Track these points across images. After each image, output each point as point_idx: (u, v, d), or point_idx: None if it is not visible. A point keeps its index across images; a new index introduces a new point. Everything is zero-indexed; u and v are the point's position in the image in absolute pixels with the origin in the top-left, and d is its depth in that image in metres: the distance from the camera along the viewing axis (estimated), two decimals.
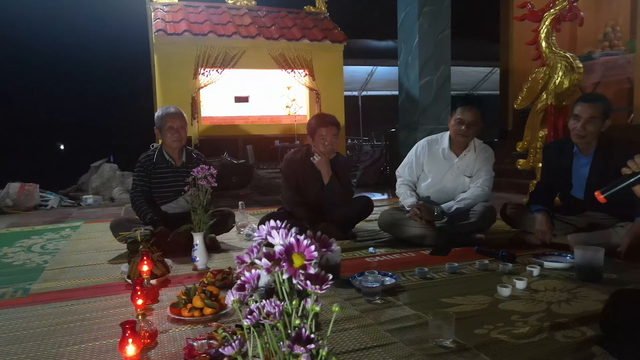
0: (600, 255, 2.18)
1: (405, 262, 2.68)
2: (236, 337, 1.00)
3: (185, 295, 1.92)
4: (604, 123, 2.73)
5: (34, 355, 1.61)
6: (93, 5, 9.66)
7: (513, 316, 1.81)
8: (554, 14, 4.25)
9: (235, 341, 0.70)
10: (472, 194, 3.06)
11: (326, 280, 0.65)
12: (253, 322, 0.66)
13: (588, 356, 1.47)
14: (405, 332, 1.70)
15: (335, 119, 3.28)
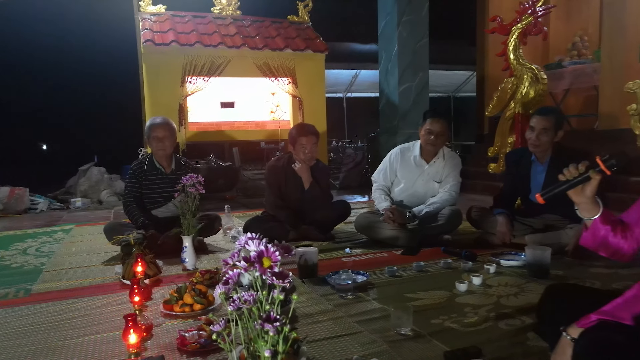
0: (548, 254, 2.46)
1: (378, 262, 2.93)
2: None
3: (177, 293, 2.14)
4: (557, 134, 3.01)
5: (43, 347, 1.82)
6: (83, 13, 9.78)
7: (466, 308, 2.07)
8: (521, 28, 4.54)
9: (221, 321, 0.93)
10: (441, 199, 3.33)
11: (287, 276, 0.88)
12: (235, 308, 0.89)
13: (523, 340, 1.74)
14: (371, 322, 1.95)
15: (314, 129, 3.52)
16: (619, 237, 1.51)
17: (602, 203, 1.53)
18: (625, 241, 1.50)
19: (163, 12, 5.89)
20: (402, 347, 1.71)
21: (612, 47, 5.62)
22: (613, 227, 1.52)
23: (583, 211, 1.56)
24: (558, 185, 1.54)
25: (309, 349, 1.69)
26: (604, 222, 1.52)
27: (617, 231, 1.51)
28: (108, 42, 9.57)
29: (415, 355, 1.64)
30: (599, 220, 1.53)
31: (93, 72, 10.32)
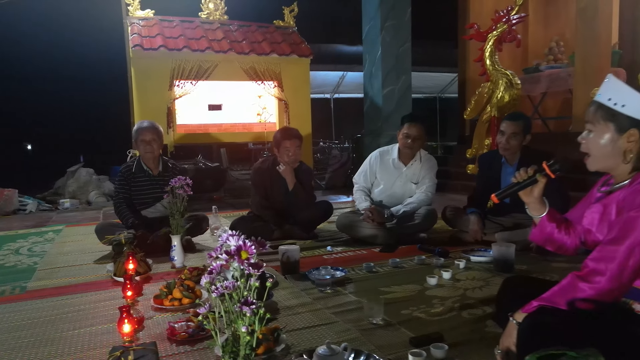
0: (512, 250, 2.65)
1: (357, 259, 3.11)
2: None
3: (167, 288, 2.29)
4: (525, 137, 3.21)
5: (42, 339, 1.96)
6: (71, 15, 9.82)
7: (434, 300, 2.26)
8: (496, 35, 4.75)
9: (206, 304, 1.09)
10: (418, 199, 3.52)
11: (261, 267, 1.05)
12: (218, 294, 1.05)
13: (482, 327, 1.92)
14: (346, 314, 2.12)
15: (298, 132, 3.68)
16: (562, 233, 1.70)
17: (548, 203, 1.72)
18: (569, 237, 1.70)
19: (151, 16, 6.01)
20: (373, 335, 1.88)
21: (585, 52, 5.85)
22: (558, 224, 1.71)
23: (532, 210, 1.74)
24: (510, 187, 1.72)
25: (288, 337, 1.86)
26: (550, 220, 1.71)
27: (561, 228, 1.70)
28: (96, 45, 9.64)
29: (384, 342, 1.81)
30: (545, 218, 1.71)
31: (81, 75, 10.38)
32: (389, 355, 1.69)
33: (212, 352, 1.75)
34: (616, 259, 1.36)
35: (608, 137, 1.45)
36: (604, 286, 1.37)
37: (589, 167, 1.53)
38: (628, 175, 1.46)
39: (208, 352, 1.76)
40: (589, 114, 1.49)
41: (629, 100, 1.40)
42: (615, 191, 1.48)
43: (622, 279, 1.36)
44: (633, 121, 1.40)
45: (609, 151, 1.45)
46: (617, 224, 1.40)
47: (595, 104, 1.47)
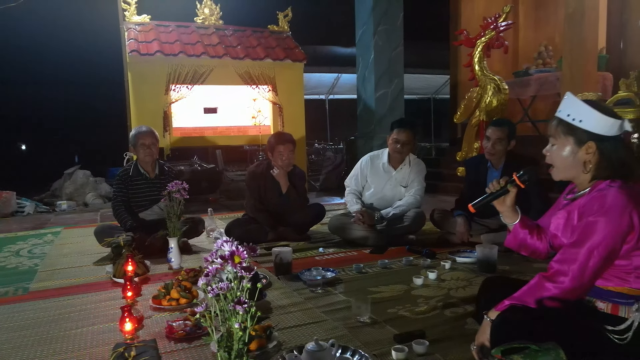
0: (495, 252, 2.78)
1: (348, 260, 3.22)
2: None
3: (165, 289, 2.40)
4: (510, 143, 3.34)
5: (46, 337, 2.07)
6: (69, 20, 9.90)
7: (419, 299, 2.38)
8: (485, 41, 4.88)
9: (203, 303, 1.20)
10: (407, 202, 3.64)
11: (252, 270, 1.16)
12: (214, 295, 1.16)
13: (462, 324, 2.05)
14: (335, 312, 2.24)
15: (291, 137, 3.80)
16: (535, 238, 1.82)
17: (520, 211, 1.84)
18: (541, 242, 1.82)
19: (147, 21, 6.10)
20: (360, 332, 2.00)
21: (573, 57, 5.98)
22: (530, 230, 1.83)
23: (505, 218, 1.87)
24: (485, 197, 1.84)
25: (280, 334, 1.97)
26: (523, 226, 1.83)
27: (533, 234, 1.83)
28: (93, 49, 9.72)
29: (369, 338, 1.93)
30: (518, 225, 1.84)
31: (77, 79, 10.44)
32: (374, 351, 1.81)
33: (208, 349, 1.86)
34: (577, 260, 1.48)
35: (569, 150, 1.58)
36: (567, 286, 1.50)
37: (554, 177, 1.66)
38: (588, 184, 1.59)
39: (205, 349, 1.87)
40: (552, 128, 1.62)
41: (585, 116, 1.53)
42: (577, 199, 1.61)
43: (583, 279, 1.49)
44: (590, 135, 1.53)
45: (570, 162, 1.58)
46: (577, 228, 1.53)
47: (557, 120, 1.60)
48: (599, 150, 1.55)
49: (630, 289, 1.53)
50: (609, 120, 1.53)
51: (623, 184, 1.53)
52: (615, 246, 1.47)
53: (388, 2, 6.98)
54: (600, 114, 1.54)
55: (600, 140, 1.54)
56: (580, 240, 1.50)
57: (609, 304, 1.55)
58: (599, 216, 1.48)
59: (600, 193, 1.54)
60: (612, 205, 1.48)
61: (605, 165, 1.56)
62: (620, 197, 1.48)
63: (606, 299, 1.56)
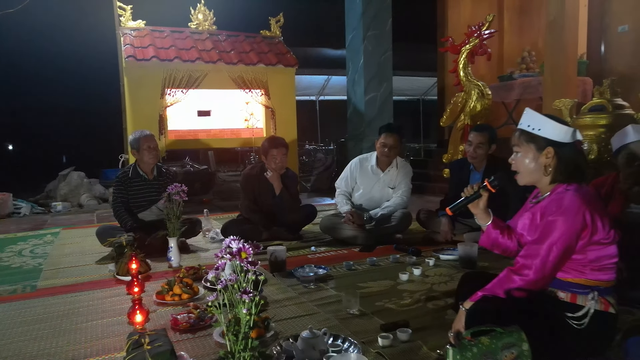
0: (475, 249, 2.98)
1: (339, 258, 3.41)
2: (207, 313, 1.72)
3: (167, 285, 2.57)
4: (491, 147, 3.55)
5: (59, 330, 2.23)
6: (65, 24, 10.00)
7: (404, 293, 2.58)
8: (469, 49, 5.10)
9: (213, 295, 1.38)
10: (394, 203, 3.84)
11: (256, 264, 1.34)
12: (223, 285, 1.34)
13: (443, 315, 2.25)
14: (327, 306, 2.43)
15: (284, 141, 3.98)
16: (506, 238, 2.03)
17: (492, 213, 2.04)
18: (511, 241, 2.02)
19: (143, 27, 6.24)
20: (350, 323, 2.19)
21: (553, 62, 6.22)
22: (502, 231, 2.04)
23: (479, 220, 2.07)
24: (460, 201, 2.04)
25: (277, 325, 2.15)
26: (494, 227, 2.04)
27: (504, 234, 2.03)
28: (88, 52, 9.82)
29: (358, 328, 2.12)
30: (490, 226, 2.04)
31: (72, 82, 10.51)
32: (362, 339, 2.00)
33: (211, 339, 2.04)
34: (539, 255, 1.69)
35: (531, 156, 1.79)
36: (531, 278, 1.70)
37: (519, 182, 1.87)
38: (549, 187, 1.80)
39: (208, 339, 2.05)
40: (515, 139, 1.84)
41: (543, 125, 1.75)
42: (540, 201, 1.82)
43: (545, 271, 1.69)
44: (548, 141, 1.75)
45: (532, 167, 1.80)
46: (539, 227, 1.73)
47: (519, 131, 1.82)
48: (557, 154, 1.77)
49: (587, 280, 1.74)
50: (563, 128, 1.75)
51: (577, 187, 1.75)
52: (572, 242, 1.68)
53: (377, 8, 7.19)
54: (555, 122, 1.77)
55: (557, 145, 1.76)
56: (542, 238, 1.71)
57: (568, 293, 1.76)
58: (557, 216, 1.69)
59: (558, 196, 1.75)
60: (568, 206, 1.69)
61: (562, 168, 1.77)
62: (575, 199, 1.69)
63: (566, 289, 1.77)
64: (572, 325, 1.73)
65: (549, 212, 1.72)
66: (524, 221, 1.90)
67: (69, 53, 10.27)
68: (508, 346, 1.45)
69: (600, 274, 1.75)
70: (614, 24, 7.10)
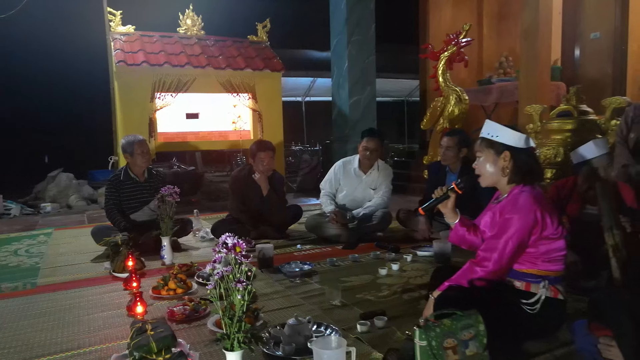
0: (449, 246, 3.22)
1: (323, 255, 3.63)
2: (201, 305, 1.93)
3: (163, 280, 2.76)
4: (461, 150, 3.80)
5: (63, 322, 2.41)
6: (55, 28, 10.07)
7: (382, 286, 2.80)
8: (447, 56, 5.36)
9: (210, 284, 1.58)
10: (375, 203, 4.07)
11: (249, 257, 1.54)
12: (220, 276, 1.54)
13: (416, 305, 2.47)
14: (311, 298, 2.64)
15: (271, 145, 4.18)
16: (472, 234, 2.26)
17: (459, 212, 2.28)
18: (476, 237, 2.26)
19: (132, 32, 6.38)
20: (332, 313, 2.41)
21: (528, 68, 6.51)
22: (468, 228, 2.27)
23: (448, 218, 2.31)
24: (431, 201, 2.28)
25: (265, 316, 2.36)
26: (462, 225, 2.27)
27: (470, 231, 2.27)
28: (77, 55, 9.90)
29: (340, 317, 2.34)
30: (458, 224, 2.28)
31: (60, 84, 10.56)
32: (343, 326, 2.21)
33: (205, 328, 2.24)
34: (497, 249, 1.92)
35: (491, 160, 2.04)
36: (490, 269, 1.94)
37: (482, 183, 2.11)
38: (507, 188, 2.04)
39: (202, 328, 2.25)
40: (477, 146, 2.08)
41: (500, 132, 2.00)
42: (500, 201, 2.06)
43: (502, 263, 1.93)
44: (505, 146, 2.00)
45: (492, 170, 2.04)
46: (497, 224, 1.97)
47: (480, 139, 2.07)
48: (513, 158, 2.01)
49: (539, 271, 1.98)
50: (517, 134, 2.01)
51: (531, 189, 1.99)
52: (525, 237, 1.92)
53: (360, 14, 7.42)
54: (510, 130, 2.02)
55: (513, 150, 2.01)
56: (499, 233, 1.94)
57: (523, 282, 2.00)
58: (512, 214, 1.94)
59: (514, 196, 2.00)
60: (522, 205, 1.94)
61: (517, 170, 2.02)
62: (528, 200, 1.94)
63: (521, 279, 2.01)
64: (526, 310, 1.97)
65: (505, 211, 1.96)
66: (486, 219, 2.15)
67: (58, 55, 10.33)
68: (467, 327, 1.68)
69: (550, 265, 1.99)
70: (586, 31, 7.42)
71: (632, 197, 2.73)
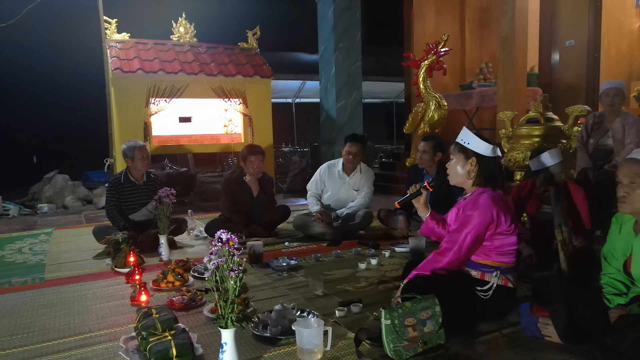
0: (423, 242, 3.53)
1: (309, 251, 3.93)
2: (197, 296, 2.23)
3: (162, 274, 3.04)
4: (436, 154, 4.12)
5: (73, 311, 2.68)
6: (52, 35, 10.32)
7: (361, 279, 3.11)
8: (427, 64, 5.68)
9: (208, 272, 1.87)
10: (358, 203, 4.38)
11: (240, 249, 1.84)
12: (216, 266, 1.84)
13: (390, 295, 2.77)
14: (297, 289, 2.94)
15: (261, 149, 4.47)
16: (440, 228, 2.58)
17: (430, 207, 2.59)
18: (444, 231, 2.57)
19: (127, 39, 6.64)
20: (314, 301, 2.71)
21: (505, 75, 6.87)
22: (437, 222, 2.58)
23: (420, 212, 2.62)
24: (406, 197, 2.59)
25: (255, 304, 2.65)
26: (432, 219, 2.58)
27: (440, 224, 2.58)
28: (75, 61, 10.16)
29: (321, 305, 2.64)
30: (428, 218, 2.59)
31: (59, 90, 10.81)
32: (323, 312, 2.51)
33: (202, 315, 2.52)
34: (458, 241, 2.24)
35: (461, 163, 2.35)
36: (450, 259, 2.26)
37: (450, 182, 2.43)
38: (472, 189, 2.36)
39: (199, 315, 2.53)
40: (452, 149, 2.40)
41: (471, 140, 2.31)
42: (465, 199, 2.38)
43: (461, 254, 2.25)
44: (474, 153, 2.32)
45: (460, 171, 2.36)
46: (459, 219, 2.29)
47: (455, 143, 2.37)
48: (479, 163, 2.33)
49: (492, 262, 2.30)
50: (485, 144, 2.32)
51: (491, 191, 2.31)
52: (482, 232, 2.24)
53: (347, 22, 7.74)
54: (480, 139, 2.33)
55: (480, 157, 2.32)
56: (460, 227, 2.26)
57: (478, 272, 2.32)
58: (473, 211, 2.25)
59: (475, 196, 2.32)
60: (481, 204, 2.25)
61: (481, 175, 2.34)
62: (487, 200, 2.26)
63: (477, 269, 2.33)
64: (480, 296, 2.29)
65: (467, 208, 2.28)
66: (451, 215, 2.47)
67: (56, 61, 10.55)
68: (425, 308, 1.99)
69: (502, 258, 2.31)
70: (562, 38, 7.79)
71: (582, 199, 3.07)
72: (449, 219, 2.51)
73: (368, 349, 2.05)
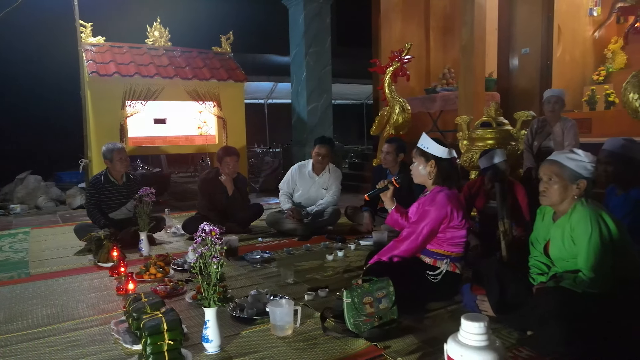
0: (385, 235, 3.87)
1: (281, 245, 4.22)
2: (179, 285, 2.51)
3: (145, 267, 3.29)
4: (399, 155, 4.48)
5: (62, 301, 2.90)
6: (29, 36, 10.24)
7: (328, 268, 3.43)
8: (392, 70, 6.04)
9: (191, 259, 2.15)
10: (326, 201, 4.70)
11: (221, 240, 2.12)
12: (200, 254, 2.11)
13: (353, 281, 3.10)
14: (270, 279, 3.23)
15: (236, 150, 4.74)
16: (404, 220, 2.91)
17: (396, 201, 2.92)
18: (406, 222, 2.91)
19: (103, 43, 6.78)
20: (286, 288, 3.01)
21: (465, 80, 7.31)
22: (401, 214, 2.92)
23: (386, 205, 2.95)
24: (375, 191, 2.92)
25: (232, 292, 2.93)
26: (397, 211, 2.92)
27: (403, 217, 2.92)
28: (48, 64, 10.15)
29: (292, 291, 2.94)
30: (393, 210, 2.92)
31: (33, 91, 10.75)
32: (294, 297, 2.81)
33: (184, 302, 2.79)
34: (416, 232, 2.58)
35: (422, 165, 2.70)
36: (408, 247, 2.60)
37: (414, 181, 2.77)
38: (432, 187, 2.70)
39: (181, 302, 2.80)
40: (413, 152, 2.73)
41: (429, 145, 2.66)
42: (425, 195, 2.72)
43: (417, 243, 2.59)
44: (432, 156, 2.66)
45: (422, 173, 2.71)
46: (419, 213, 2.63)
47: (416, 147, 2.71)
48: (437, 165, 2.67)
49: (444, 251, 2.65)
50: (441, 147, 2.66)
51: (447, 190, 2.66)
52: (437, 225, 2.58)
53: (317, 29, 8.07)
54: (437, 144, 2.67)
55: (438, 160, 2.67)
56: (419, 220, 2.60)
57: (431, 259, 2.67)
58: (430, 207, 2.60)
59: (434, 194, 2.66)
60: (438, 201, 2.60)
61: (439, 175, 2.68)
62: (443, 197, 2.60)
63: (430, 256, 2.67)
64: (431, 279, 2.64)
65: (426, 204, 2.63)
66: (413, 209, 2.81)
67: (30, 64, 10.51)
68: (380, 288, 2.32)
69: (452, 248, 2.67)
70: (518, 46, 8.30)
71: (523, 195, 3.47)
72: (410, 212, 2.85)
73: (332, 324, 2.36)
